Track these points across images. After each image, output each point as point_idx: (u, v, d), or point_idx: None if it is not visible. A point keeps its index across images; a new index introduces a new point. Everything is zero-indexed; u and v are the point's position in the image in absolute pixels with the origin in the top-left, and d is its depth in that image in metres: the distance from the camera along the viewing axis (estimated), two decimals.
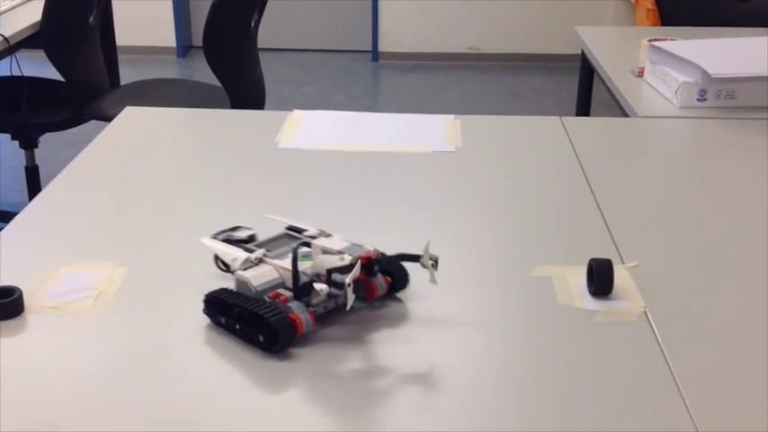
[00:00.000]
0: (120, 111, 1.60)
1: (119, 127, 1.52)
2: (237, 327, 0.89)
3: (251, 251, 0.95)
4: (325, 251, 0.92)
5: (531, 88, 4.93)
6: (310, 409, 0.79)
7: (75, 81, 2.58)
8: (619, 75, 1.95)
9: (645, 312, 0.96)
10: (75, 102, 2.62)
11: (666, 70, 1.77)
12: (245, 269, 0.92)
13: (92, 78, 2.66)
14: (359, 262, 0.88)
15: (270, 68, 5.15)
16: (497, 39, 5.39)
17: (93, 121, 2.66)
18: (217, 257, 0.98)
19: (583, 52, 2.38)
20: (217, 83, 2.57)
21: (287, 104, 4.56)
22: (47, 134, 3.20)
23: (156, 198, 1.24)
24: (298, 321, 0.87)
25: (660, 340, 0.91)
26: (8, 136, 2.84)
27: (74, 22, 2.53)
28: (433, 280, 0.95)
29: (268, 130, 1.51)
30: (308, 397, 0.81)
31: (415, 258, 0.96)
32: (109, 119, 2.16)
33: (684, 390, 0.83)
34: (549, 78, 5.11)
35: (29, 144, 2.81)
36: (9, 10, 2.63)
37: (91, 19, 2.59)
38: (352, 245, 0.93)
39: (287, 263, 0.92)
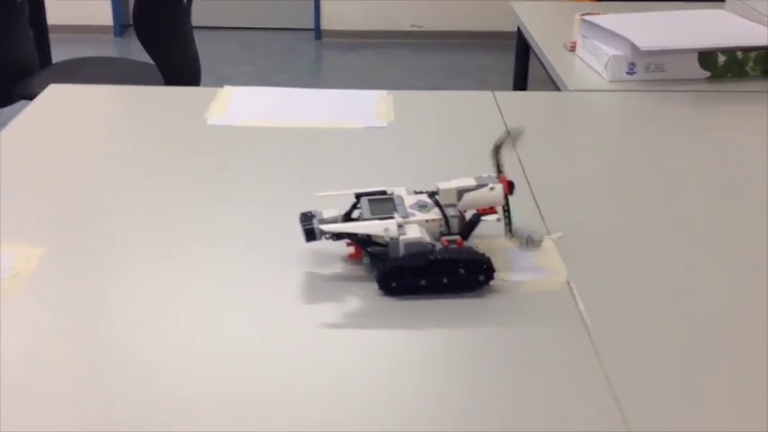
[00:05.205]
0: None
1: (42, 105, 1.48)
2: (445, 281, 0.93)
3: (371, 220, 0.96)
4: (463, 190, 0.96)
5: (473, 65, 4.95)
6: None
7: (2, 60, 2.51)
8: (552, 50, 1.96)
9: (567, 282, 0.97)
10: (3, 81, 2.55)
11: (597, 44, 1.78)
12: (401, 234, 0.93)
13: (20, 57, 2.59)
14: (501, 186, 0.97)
15: (208, 47, 5.07)
16: (440, 16, 5.39)
17: (22, 101, 2.59)
18: (358, 236, 0.95)
19: (519, 28, 2.38)
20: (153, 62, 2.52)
21: (226, 83, 4.47)
22: None
23: (79, 178, 1.20)
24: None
25: (582, 309, 0.92)
26: None
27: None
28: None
29: (197, 107, 1.49)
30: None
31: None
32: None
33: (603, 360, 0.84)
34: (492, 55, 5.13)
35: None
36: None
37: None
38: (476, 178, 0.98)
39: (422, 216, 0.96)
